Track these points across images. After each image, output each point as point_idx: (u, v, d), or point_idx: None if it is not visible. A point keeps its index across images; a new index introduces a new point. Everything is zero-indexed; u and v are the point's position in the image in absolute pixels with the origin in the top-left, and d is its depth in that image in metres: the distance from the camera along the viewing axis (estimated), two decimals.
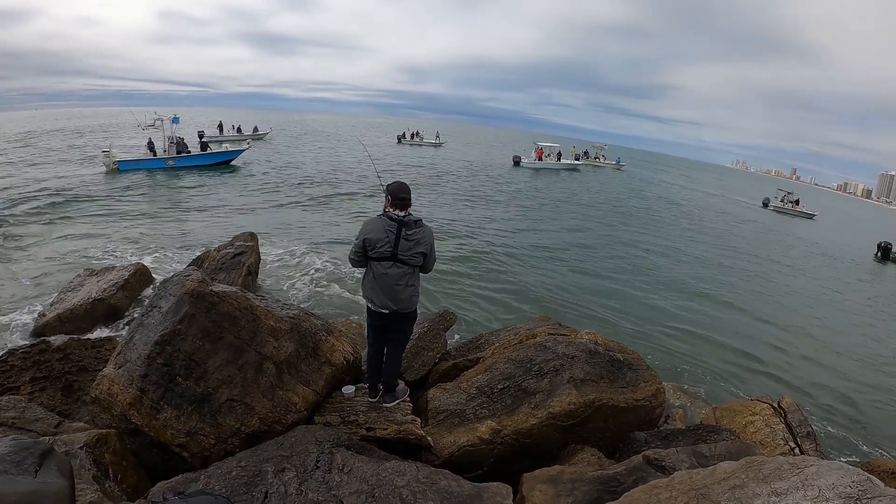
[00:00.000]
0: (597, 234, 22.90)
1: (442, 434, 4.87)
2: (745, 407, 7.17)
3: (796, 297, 17.89)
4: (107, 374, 4.41)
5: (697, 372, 10.05)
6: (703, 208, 41.44)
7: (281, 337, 4.72)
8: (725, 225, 33.44)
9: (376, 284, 4.61)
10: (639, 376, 5.75)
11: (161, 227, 16.54)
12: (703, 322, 13.07)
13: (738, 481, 3.15)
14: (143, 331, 4.60)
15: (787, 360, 11.48)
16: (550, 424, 5.02)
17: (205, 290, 4.59)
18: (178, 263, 12.14)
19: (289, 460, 3.75)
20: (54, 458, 2.79)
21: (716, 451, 4.40)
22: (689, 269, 18.91)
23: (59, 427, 4.27)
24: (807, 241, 32.84)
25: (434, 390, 5.45)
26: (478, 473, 4.71)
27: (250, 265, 10.34)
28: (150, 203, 20.39)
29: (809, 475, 2.94)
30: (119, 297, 8.63)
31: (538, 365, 5.44)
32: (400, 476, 3.63)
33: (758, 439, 6.53)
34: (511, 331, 7.15)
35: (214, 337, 4.46)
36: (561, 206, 29.70)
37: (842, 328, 15.15)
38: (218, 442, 4.22)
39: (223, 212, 19.71)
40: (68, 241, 14.23)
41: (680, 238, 25.22)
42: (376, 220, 4.59)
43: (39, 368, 5.40)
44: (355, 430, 4.57)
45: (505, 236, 20.10)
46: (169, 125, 29.61)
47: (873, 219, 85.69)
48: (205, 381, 4.32)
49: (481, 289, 13.34)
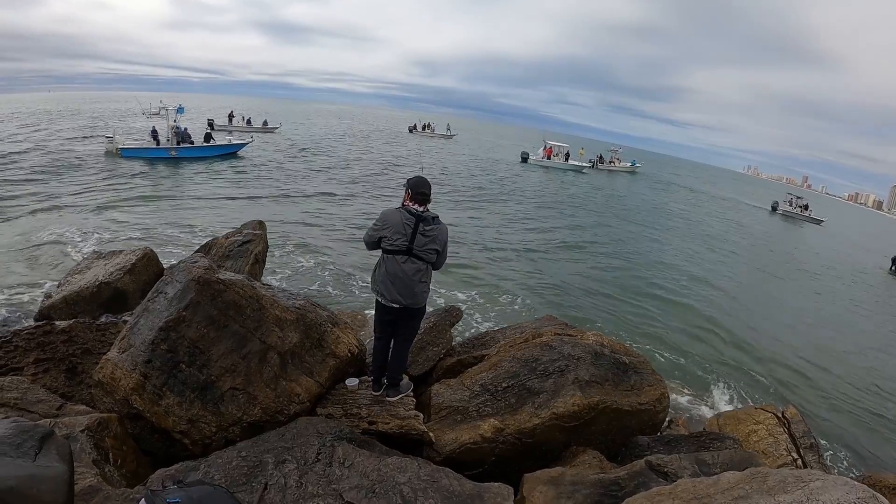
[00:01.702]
0: (606, 236, 22.83)
1: (444, 431, 4.84)
2: (749, 415, 7.10)
3: (808, 308, 17.77)
4: (110, 359, 4.40)
5: (702, 378, 10.01)
6: (713, 212, 41.29)
7: (286, 327, 4.69)
8: (735, 230, 33.31)
9: (388, 278, 4.56)
10: (643, 380, 5.70)
11: (168, 213, 16.61)
12: (710, 328, 13.02)
13: (741, 492, 3.11)
14: (148, 316, 4.58)
15: (794, 370, 11.42)
16: (553, 425, 4.98)
17: (211, 277, 4.57)
18: (185, 249, 12.16)
19: (290, 452, 3.72)
20: (54, 442, 2.77)
21: (719, 460, 4.36)
22: (700, 274, 18.83)
23: (61, 409, 4.27)
24: (819, 252, 32.63)
25: (438, 386, 5.42)
26: (478, 471, 4.68)
27: (258, 253, 10.30)
28: (154, 190, 20.47)
29: (814, 489, 2.89)
30: (126, 281, 8.60)
31: (543, 365, 5.40)
32: (401, 472, 3.60)
33: (760, 448, 6.47)
34: (517, 329, 7.11)
35: (219, 325, 4.44)
36: (568, 206, 29.61)
37: (852, 341, 15.04)
38: (219, 430, 4.20)
39: (232, 200, 19.78)
40: (73, 225, 14.27)
41: (691, 242, 25.13)
42: (395, 213, 4.54)
43: (44, 350, 5.39)
44: (357, 423, 4.54)
45: (511, 233, 20.08)
46: (173, 114, 29.69)
47: (886, 230, 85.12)
48: (208, 368, 4.30)
49: (488, 286, 13.32)
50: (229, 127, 45.99)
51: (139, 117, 30.23)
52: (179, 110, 29.99)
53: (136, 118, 33.62)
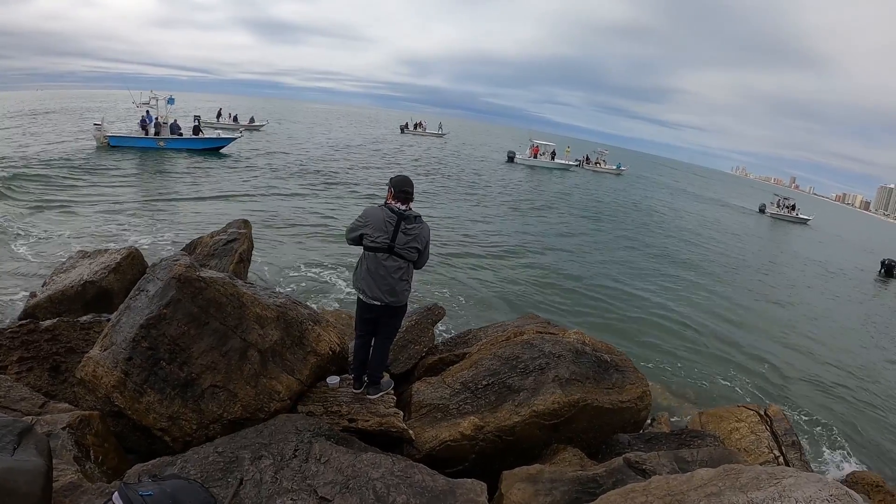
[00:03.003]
0: (589, 236, 22.91)
1: (424, 428, 4.87)
2: (732, 413, 7.18)
3: (796, 309, 17.89)
4: (92, 356, 4.41)
5: (686, 376, 10.08)
6: (699, 213, 41.45)
7: (267, 325, 4.72)
8: (722, 231, 33.48)
9: (369, 276, 4.60)
10: (625, 378, 5.75)
11: (154, 212, 16.50)
12: (695, 327, 13.10)
13: (714, 489, 3.14)
14: (129, 314, 4.60)
15: (778, 369, 11.51)
16: (533, 423, 5.02)
17: (192, 275, 4.59)
18: (171, 248, 12.13)
19: (267, 448, 3.75)
20: (33, 437, 2.78)
21: (698, 457, 4.41)
22: (685, 274, 18.94)
23: (44, 407, 4.27)
24: (808, 253, 32.82)
25: (419, 384, 5.45)
26: (459, 469, 4.72)
27: (242, 252, 10.29)
28: (142, 185, 20.39)
29: (787, 486, 2.92)
30: (111, 279, 8.57)
31: (524, 363, 5.44)
32: (375, 468, 3.63)
33: (742, 446, 6.55)
34: (499, 327, 7.16)
35: (200, 322, 4.46)
36: (553, 206, 29.68)
37: (839, 342, 15.15)
38: (200, 427, 4.22)
39: (217, 198, 19.70)
40: (59, 222, 14.19)
41: (675, 242, 25.24)
42: (377, 210, 4.59)
43: (27, 348, 5.38)
44: (337, 420, 4.57)
45: (495, 233, 20.13)
46: (164, 105, 29.53)
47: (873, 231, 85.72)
48: (189, 366, 4.32)
49: (471, 284, 13.35)
50: (216, 124, 45.81)
51: (129, 110, 30.15)
52: (170, 101, 29.86)
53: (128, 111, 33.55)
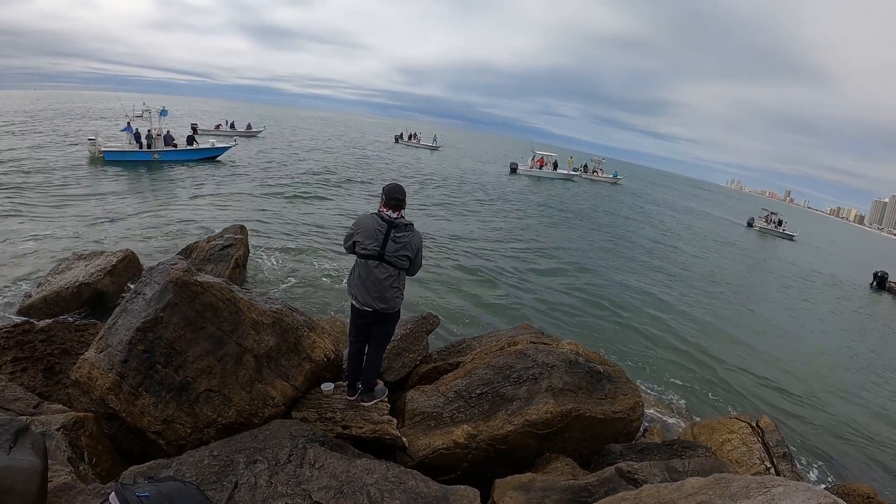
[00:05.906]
0: (586, 248, 22.96)
1: (417, 436, 4.89)
2: (723, 424, 7.21)
3: (789, 322, 17.97)
4: (88, 358, 4.43)
5: (678, 388, 10.11)
6: (692, 226, 41.60)
7: (262, 330, 4.74)
8: (713, 244, 33.61)
9: (361, 283, 4.64)
10: (618, 388, 5.79)
11: (150, 216, 16.47)
12: (689, 339, 13.14)
13: (704, 497, 3.17)
14: (126, 316, 4.62)
15: (770, 381, 11.56)
16: (526, 432, 5.05)
17: (189, 279, 4.62)
18: (166, 252, 12.12)
19: (261, 452, 3.77)
20: (29, 437, 2.80)
21: (689, 467, 4.44)
22: (678, 286, 19.01)
23: (38, 408, 4.27)
24: (800, 266, 32.97)
25: (412, 392, 5.48)
26: (452, 477, 4.73)
27: (238, 258, 10.35)
28: (138, 193, 20.32)
29: (776, 495, 2.95)
30: (106, 282, 8.62)
31: (517, 372, 5.48)
32: (369, 474, 3.66)
33: (734, 458, 6.59)
34: (493, 337, 7.20)
35: (196, 326, 4.49)
36: (553, 217, 29.74)
37: (831, 354, 15.25)
38: (194, 431, 4.24)
39: (214, 204, 19.67)
40: (55, 225, 14.16)
41: (669, 255, 25.33)
42: (368, 218, 4.63)
43: (22, 349, 5.39)
44: (331, 427, 4.59)
45: (494, 243, 20.15)
46: (156, 117, 29.50)
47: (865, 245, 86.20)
48: (184, 369, 4.34)
49: (466, 294, 13.37)
50: (213, 132, 45.80)
51: (122, 120, 30.05)
52: (163, 113, 29.79)
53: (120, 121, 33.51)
